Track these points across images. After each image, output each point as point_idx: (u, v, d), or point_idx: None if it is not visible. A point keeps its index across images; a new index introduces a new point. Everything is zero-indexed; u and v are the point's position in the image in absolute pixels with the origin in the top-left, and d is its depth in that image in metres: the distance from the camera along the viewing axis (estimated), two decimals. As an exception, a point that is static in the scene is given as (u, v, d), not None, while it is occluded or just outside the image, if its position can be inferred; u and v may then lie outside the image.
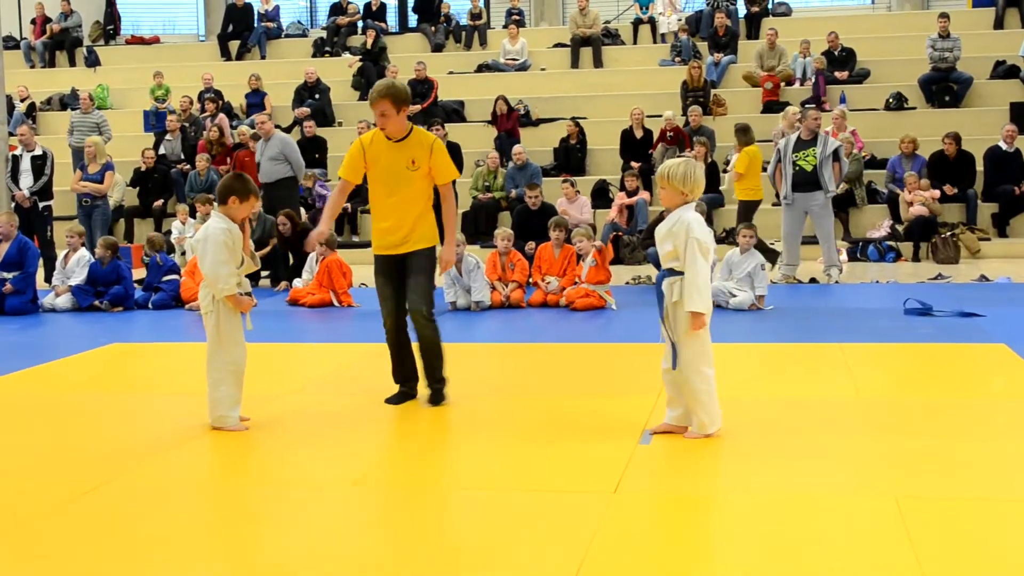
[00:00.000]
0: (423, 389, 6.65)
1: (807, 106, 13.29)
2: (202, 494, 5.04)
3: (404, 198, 6.42)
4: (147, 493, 5.00)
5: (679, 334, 5.53)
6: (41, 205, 13.59)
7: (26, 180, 13.59)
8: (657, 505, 4.71)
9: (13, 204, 13.60)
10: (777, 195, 12.67)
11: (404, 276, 6.48)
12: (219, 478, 5.39)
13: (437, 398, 6.55)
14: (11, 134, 15.43)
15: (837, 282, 12.08)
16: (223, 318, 6.04)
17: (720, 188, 15.20)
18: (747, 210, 12.86)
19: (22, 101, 20.03)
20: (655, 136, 16.58)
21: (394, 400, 6.60)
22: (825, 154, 11.96)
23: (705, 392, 5.53)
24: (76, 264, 11.54)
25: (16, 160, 13.73)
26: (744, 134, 13.16)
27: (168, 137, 17.85)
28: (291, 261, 12.62)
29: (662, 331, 5.63)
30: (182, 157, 17.62)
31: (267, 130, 13.81)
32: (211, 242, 5.98)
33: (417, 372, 6.64)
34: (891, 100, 17.71)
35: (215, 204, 6.23)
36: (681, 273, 5.50)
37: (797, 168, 12.05)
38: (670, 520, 4.59)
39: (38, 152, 13.74)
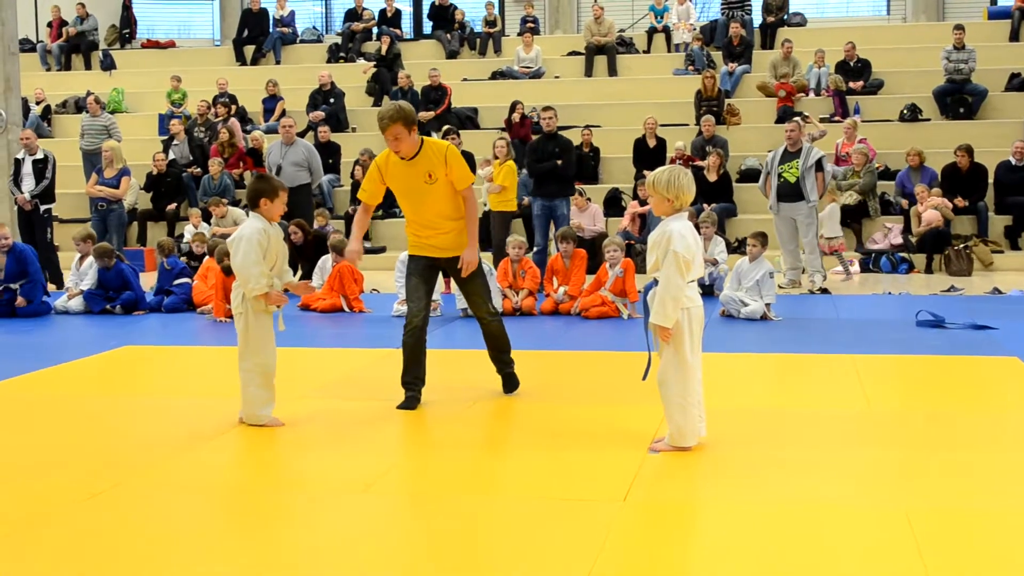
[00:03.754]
0: (413, 394, 6.70)
1: (795, 118, 13.31)
2: (212, 496, 5.05)
3: (430, 210, 6.66)
4: (158, 495, 5.02)
5: (656, 346, 5.55)
6: (42, 208, 13.61)
7: (28, 183, 13.64)
8: (666, 514, 4.71)
9: (16, 207, 13.67)
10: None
11: (456, 282, 6.84)
12: (230, 481, 5.39)
13: (511, 385, 6.91)
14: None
15: (824, 289, 12.14)
16: (251, 320, 6.13)
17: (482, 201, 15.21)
18: (505, 221, 13.08)
19: (38, 104, 20.13)
20: (668, 146, 16.57)
21: (406, 406, 6.62)
22: (807, 165, 12.25)
23: (677, 405, 5.50)
24: (88, 267, 11.56)
25: (18, 163, 13.78)
26: (509, 147, 13.48)
27: (175, 141, 17.89)
28: (299, 270, 12.63)
29: (648, 342, 5.65)
30: (191, 160, 17.67)
31: (290, 136, 13.79)
32: (244, 241, 6.09)
33: (425, 376, 6.73)
34: (905, 111, 17.66)
35: (247, 209, 6.31)
36: None
37: (782, 180, 12.39)
38: (679, 530, 4.59)
39: (39, 156, 13.77)
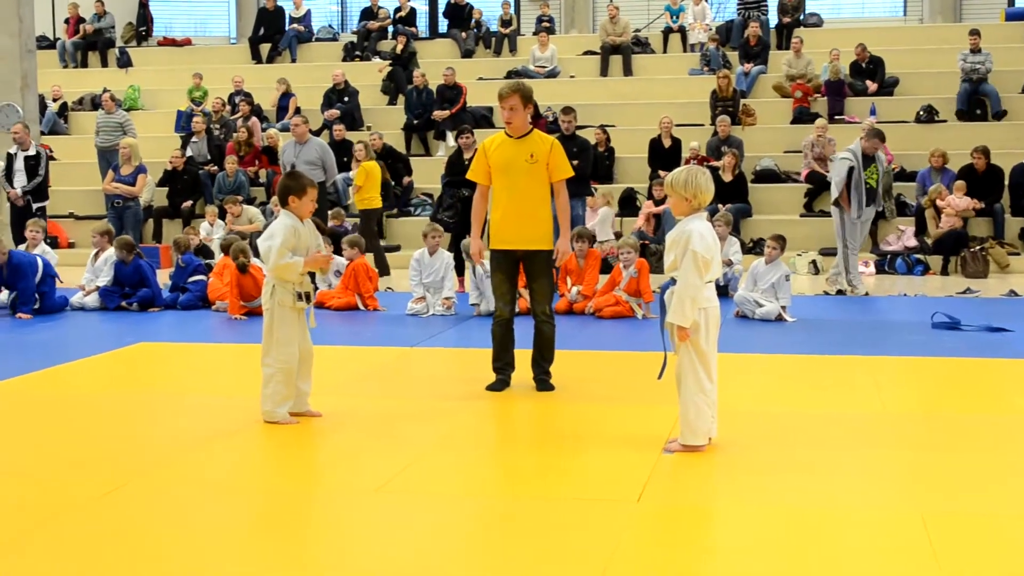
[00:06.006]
0: (512, 378, 7.18)
1: (871, 119, 13.13)
2: (226, 494, 5.06)
3: (522, 189, 7.00)
4: (171, 492, 5.02)
5: (673, 345, 5.56)
6: (35, 206, 13.63)
7: (19, 179, 13.71)
8: (680, 515, 4.70)
9: (8, 203, 13.74)
10: (835, 204, 12.27)
11: (526, 275, 7.18)
12: (241, 479, 5.39)
13: (546, 386, 7.13)
14: (42, 133, 15.52)
15: (840, 291, 12.09)
16: (276, 317, 6.21)
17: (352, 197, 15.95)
18: (367, 219, 13.79)
19: (55, 101, 20.19)
20: (684, 146, 16.54)
21: (495, 387, 7.10)
22: (884, 171, 12.04)
23: (692, 405, 5.51)
24: (104, 263, 11.58)
25: (10, 158, 13.82)
26: (367, 150, 14.73)
27: (194, 139, 17.94)
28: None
29: (663, 341, 5.65)
30: (208, 158, 17.71)
31: (301, 133, 13.77)
32: (272, 238, 6.20)
33: (514, 362, 7.20)
34: (921, 113, 17.59)
35: (264, 207, 6.38)
36: None
37: (867, 185, 12.06)
38: (693, 531, 4.58)
39: (32, 152, 13.79)
